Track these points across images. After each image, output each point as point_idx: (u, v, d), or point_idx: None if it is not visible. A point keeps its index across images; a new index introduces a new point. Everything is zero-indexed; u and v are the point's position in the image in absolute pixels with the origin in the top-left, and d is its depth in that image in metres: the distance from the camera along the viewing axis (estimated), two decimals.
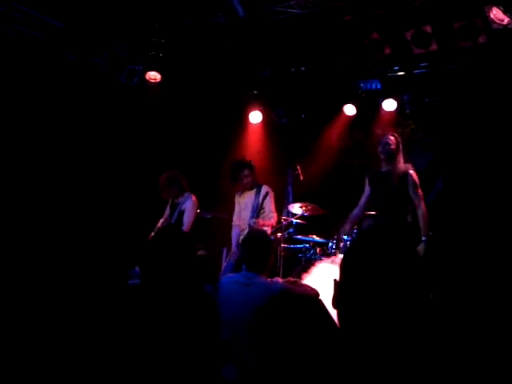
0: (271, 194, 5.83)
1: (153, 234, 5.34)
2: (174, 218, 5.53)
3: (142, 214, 6.62)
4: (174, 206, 5.65)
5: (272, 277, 3.64)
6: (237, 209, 6.00)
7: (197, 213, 5.69)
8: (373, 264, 1.47)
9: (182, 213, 5.51)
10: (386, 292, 1.44)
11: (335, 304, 1.64)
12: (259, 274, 3.42)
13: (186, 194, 5.60)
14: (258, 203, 5.72)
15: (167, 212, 5.74)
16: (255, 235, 3.61)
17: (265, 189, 5.80)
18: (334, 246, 5.93)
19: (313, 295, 3.53)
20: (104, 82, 6.74)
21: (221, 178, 6.48)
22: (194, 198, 5.59)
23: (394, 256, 1.48)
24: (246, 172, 5.75)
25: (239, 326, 3.29)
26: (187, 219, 5.47)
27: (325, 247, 6.26)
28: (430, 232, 4.93)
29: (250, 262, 3.45)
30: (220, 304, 3.37)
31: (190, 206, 5.52)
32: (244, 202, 5.88)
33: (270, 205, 5.78)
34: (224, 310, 3.33)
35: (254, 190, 5.82)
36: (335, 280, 1.62)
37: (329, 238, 6.20)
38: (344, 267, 1.56)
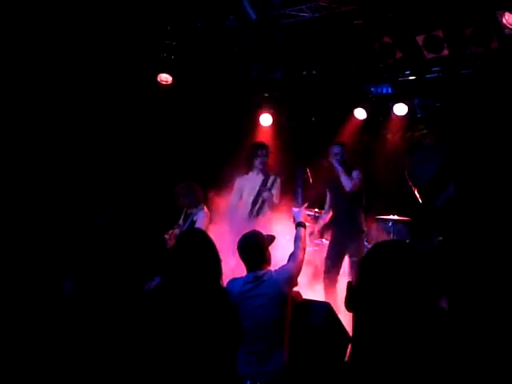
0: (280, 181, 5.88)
1: (167, 237, 5.42)
2: (185, 228, 5.54)
3: (152, 219, 6.65)
4: (187, 216, 5.67)
5: None
6: (235, 199, 5.97)
7: (209, 224, 5.66)
8: (387, 271, 1.51)
9: (193, 223, 5.52)
10: (397, 296, 1.47)
11: (348, 305, 1.67)
12: (262, 268, 3.61)
13: (200, 205, 5.62)
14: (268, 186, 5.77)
15: (181, 221, 5.75)
16: (247, 238, 3.74)
17: (273, 176, 5.88)
18: None
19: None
20: (115, 85, 6.78)
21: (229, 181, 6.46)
22: (206, 209, 5.61)
23: (407, 265, 1.52)
24: (265, 152, 5.90)
25: (261, 322, 3.47)
26: None
27: None
28: (441, 237, 4.91)
29: (251, 263, 3.64)
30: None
31: (201, 216, 5.52)
32: (250, 187, 5.90)
33: (277, 192, 5.82)
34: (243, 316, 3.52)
35: (261, 175, 5.90)
36: (349, 282, 1.65)
37: None
38: (361, 272, 1.59)
